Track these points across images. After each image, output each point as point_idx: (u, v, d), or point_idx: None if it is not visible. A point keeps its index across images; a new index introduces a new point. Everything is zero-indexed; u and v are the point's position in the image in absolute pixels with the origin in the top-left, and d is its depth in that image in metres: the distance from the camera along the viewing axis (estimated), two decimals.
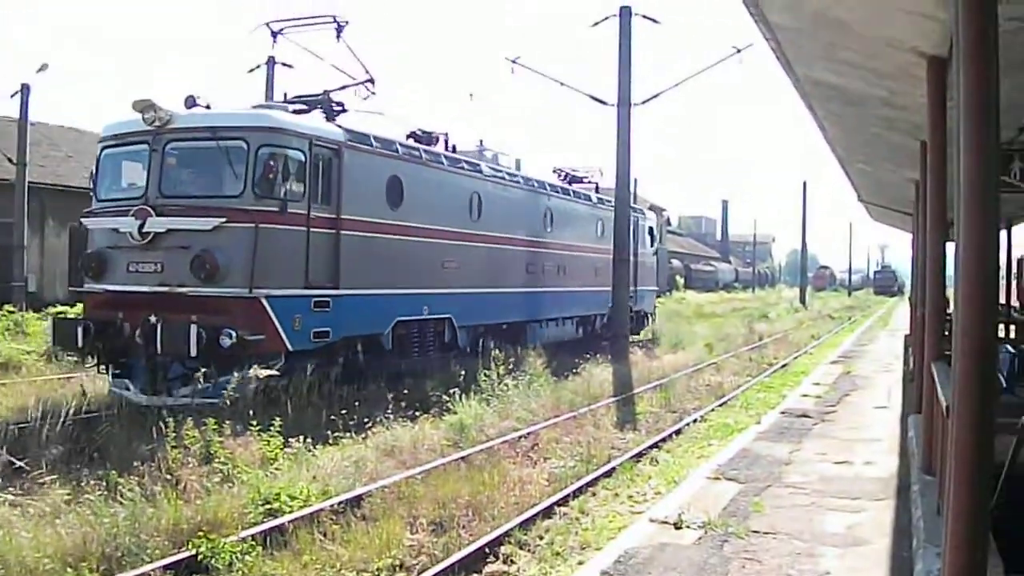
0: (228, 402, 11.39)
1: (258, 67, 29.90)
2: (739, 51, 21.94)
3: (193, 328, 12.11)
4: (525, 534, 7.94)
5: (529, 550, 7.69)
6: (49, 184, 29.27)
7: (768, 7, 6.63)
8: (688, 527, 7.64)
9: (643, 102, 22.71)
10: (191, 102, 13.78)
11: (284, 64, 29.17)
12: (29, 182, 26.35)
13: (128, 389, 13.12)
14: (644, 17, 22.39)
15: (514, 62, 22.88)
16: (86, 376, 14.79)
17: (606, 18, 22.29)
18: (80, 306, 22.09)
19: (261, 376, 12.42)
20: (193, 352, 12.18)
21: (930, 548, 5.82)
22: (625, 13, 21.93)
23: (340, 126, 14.95)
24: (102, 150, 14.32)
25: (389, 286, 15.49)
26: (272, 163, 13.17)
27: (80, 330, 13.20)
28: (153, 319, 12.50)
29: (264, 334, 12.86)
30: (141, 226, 12.90)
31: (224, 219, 12.79)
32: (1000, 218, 12.50)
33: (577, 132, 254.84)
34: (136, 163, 13.84)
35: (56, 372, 16.48)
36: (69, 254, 30.46)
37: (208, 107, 13.93)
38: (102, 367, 13.82)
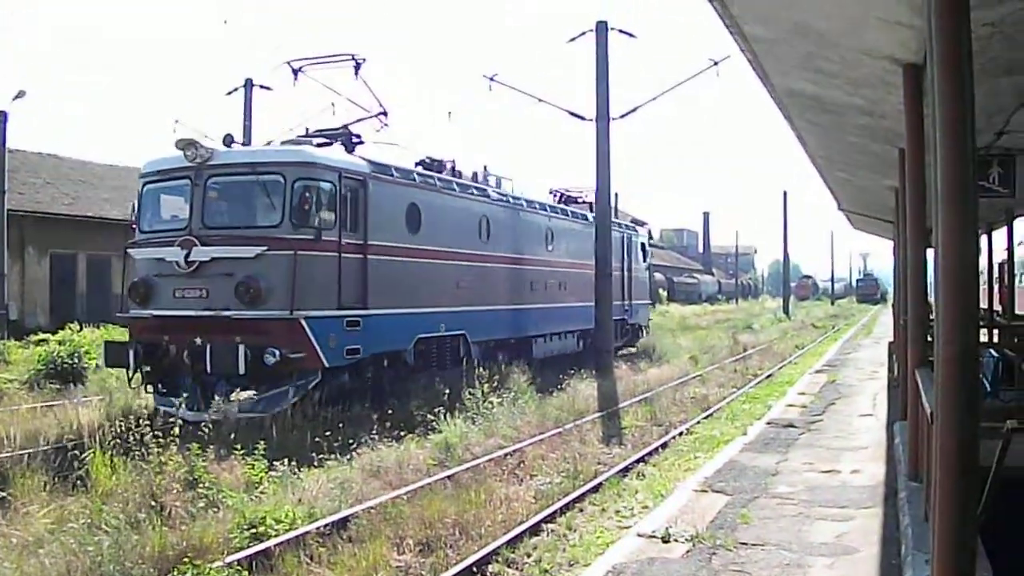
0: (211, 425, 11.42)
1: (236, 90, 30.05)
2: (716, 63, 22.16)
3: (241, 348, 12.98)
4: (513, 552, 7.89)
5: (517, 568, 7.64)
6: (28, 211, 29.16)
7: (743, 19, 6.68)
8: (676, 540, 7.60)
9: (621, 116, 22.86)
10: (229, 140, 14.65)
11: (263, 87, 29.30)
12: (8, 210, 26.25)
13: (174, 407, 13.32)
14: (620, 32, 22.57)
15: (491, 79, 22.98)
16: (68, 404, 14.66)
17: (583, 33, 22.44)
18: (61, 333, 22.30)
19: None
20: (242, 370, 13.08)
21: (919, 555, 5.82)
22: (601, 28, 22.08)
23: (364, 158, 15.84)
24: (144, 185, 15.13)
25: (410, 305, 16.45)
26: (307, 195, 14.13)
27: (131, 352, 14.02)
28: (199, 341, 13.40)
29: (304, 352, 13.65)
30: (187, 255, 13.76)
31: (265, 247, 13.71)
32: (979, 223, 12.56)
33: (566, 148, 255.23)
34: (178, 197, 14.70)
35: (39, 400, 16.30)
36: (50, 282, 30.32)
37: (244, 144, 14.76)
38: (148, 386, 14.41)
